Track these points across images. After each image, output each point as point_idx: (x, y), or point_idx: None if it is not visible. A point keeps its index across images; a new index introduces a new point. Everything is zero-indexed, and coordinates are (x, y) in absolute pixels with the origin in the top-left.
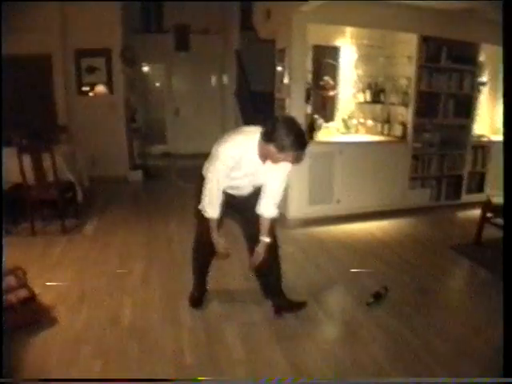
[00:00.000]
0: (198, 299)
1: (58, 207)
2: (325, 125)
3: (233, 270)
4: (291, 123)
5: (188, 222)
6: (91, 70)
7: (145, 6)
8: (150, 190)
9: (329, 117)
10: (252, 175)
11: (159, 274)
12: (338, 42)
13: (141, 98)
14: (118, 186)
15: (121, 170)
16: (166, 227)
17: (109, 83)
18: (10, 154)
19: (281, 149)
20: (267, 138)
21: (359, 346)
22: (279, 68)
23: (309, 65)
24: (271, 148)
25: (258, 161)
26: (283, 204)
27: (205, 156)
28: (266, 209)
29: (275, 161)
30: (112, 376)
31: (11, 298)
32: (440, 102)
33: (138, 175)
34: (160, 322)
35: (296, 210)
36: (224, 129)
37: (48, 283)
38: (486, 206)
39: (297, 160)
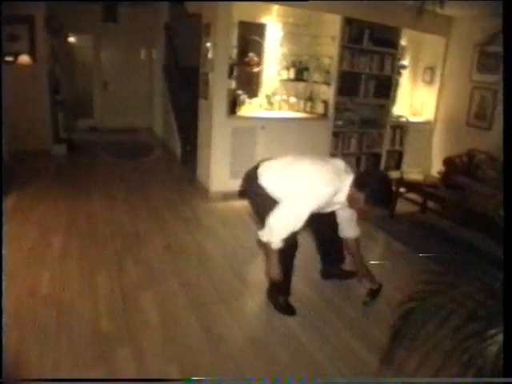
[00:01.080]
0: (289, 304)
1: None
2: (248, 100)
3: (153, 240)
4: (386, 181)
5: (110, 196)
6: (13, 38)
7: None
8: (74, 164)
9: (252, 93)
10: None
11: (78, 248)
12: (264, 20)
13: (67, 70)
14: (41, 159)
15: (44, 144)
16: (87, 202)
17: (31, 53)
18: None
19: (369, 201)
20: (361, 187)
21: (273, 312)
22: (206, 43)
23: (234, 41)
24: (360, 196)
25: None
26: (205, 177)
27: (132, 131)
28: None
29: (355, 205)
30: (27, 346)
31: None
32: (361, 82)
33: (62, 149)
34: (77, 292)
35: (218, 184)
36: (152, 103)
37: None
38: (399, 181)
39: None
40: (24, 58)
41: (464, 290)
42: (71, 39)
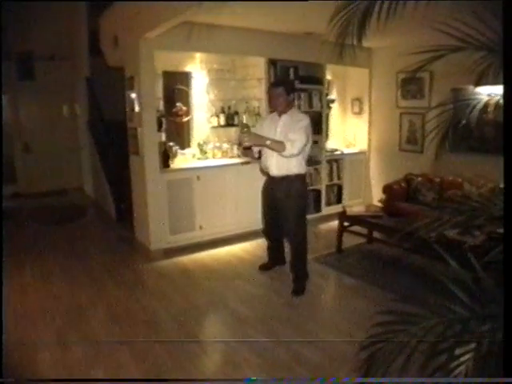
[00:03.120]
0: None
1: None
2: (180, 151)
3: (97, 311)
4: None
5: (44, 267)
6: None
7: None
8: None
9: (184, 143)
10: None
11: (14, 331)
12: (188, 68)
13: None
14: None
15: None
16: (19, 277)
17: None
18: None
19: None
20: None
21: (235, 370)
22: (130, 96)
23: (160, 92)
24: None
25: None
26: (144, 235)
27: (61, 193)
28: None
29: None
30: None
31: None
32: None
33: None
34: None
35: (158, 241)
36: (80, 161)
37: None
38: (342, 216)
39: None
40: None
41: (423, 326)
42: None
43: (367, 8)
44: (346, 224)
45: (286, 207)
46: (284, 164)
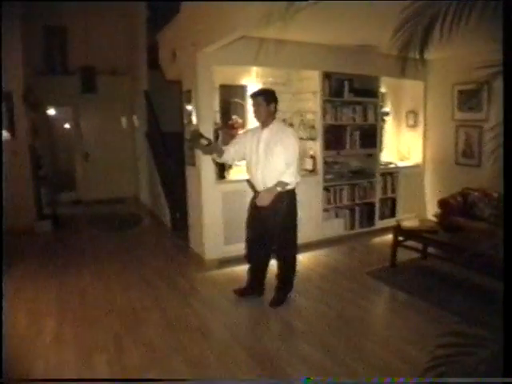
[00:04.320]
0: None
1: None
2: (236, 163)
3: (151, 316)
4: None
5: (102, 272)
6: None
7: (48, 47)
8: (61, 240)
9: None
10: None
11: (72, 331)
12: (244, 81)
13: (47, 143)
14: (25, 238)
15: (26, 221)
16: (78, 280)
17: (11, 128)
18: None
19: None
20: None
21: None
22: (187, 108)
23: (216, 105)
24: None
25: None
26: (199, 245)
27: (117, 201)
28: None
29: None
30: None
31: None
32: (346, 134)
33: (46, 225)
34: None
35: (212, 251)
36: (137, 171)
37: None
38: (396, 230)
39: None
40: (2, 133)
41: (492, 350)
42: (50, 112)
43: (431, 21)
44: (400, 238)
45: (274, 225)
46: (271, 178)
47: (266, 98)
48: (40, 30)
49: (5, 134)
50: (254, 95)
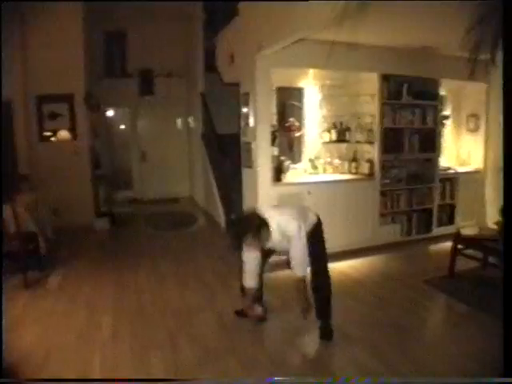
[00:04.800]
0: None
1: (20, 260)
2: (292, 166)
3: (205, 316)
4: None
5: (157, 270)
6: (53, 116)
7: (108, 51)
8: (118, 238)
9: (296, 158)
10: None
11: (128, 328)
12: (301, 84)
13: (106, 144)
14: (84, 235)
15: (86, 219)
16: (134, 277)
17: (72, 129)
18: None
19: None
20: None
21: None
22: (244, 111)
23: (273, 107)
24: None
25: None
26: None
27: (172, 200)
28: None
29: None
30: None
31: None
32: (405, 137)
33: (104, 223)
34: (131, 376)
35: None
36: (192, 172)
37: (11, 342)
38: (457, 238)
39: None
40: (63, 134)
41: None
42: (109, 113)
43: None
44: (459, 246)
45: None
46: None
47: (253, 231)
48: (100, 35)
49: (65, 134)
50: (239, 239)
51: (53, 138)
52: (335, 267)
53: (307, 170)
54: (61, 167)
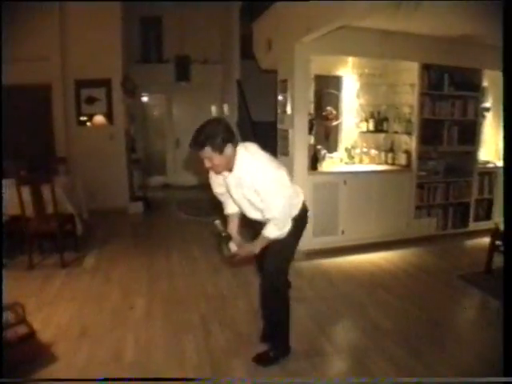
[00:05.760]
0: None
1: (57, 240)
2: (328, 155)
3: (238, 303)
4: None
5: (190, 255)
6: (91, 100)
7: (145, 37)
8: (151, 222)
9: (332, 147)
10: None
11: (161, 310)
12: (339, 72)
13: (141, 129)
14: (118, 217)
15: (120, 202)
16: (167, 261)
17: (109, 113)
18: (8, 185)
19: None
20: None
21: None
22: (281, 98)
23: (311, 95)
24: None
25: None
26: None
27: (204, 187)
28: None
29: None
30: None
31: (10, 334)
32: (444, 129)
33: (138, 207)
34: (164, 358)
35: (300, 242)
36: None
37: (47, 319)
38: (495, 233)
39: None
40: (99, 118)
41: None
42: (144, 99)
43: None
44: (497, 242)
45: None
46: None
47: (215, 144)
48: (137, 21)
49: (100, 118)
50: (196, 148)
51: (88, 123)
52: (369, 258)
53: (343, 159)
54: (97, 151)
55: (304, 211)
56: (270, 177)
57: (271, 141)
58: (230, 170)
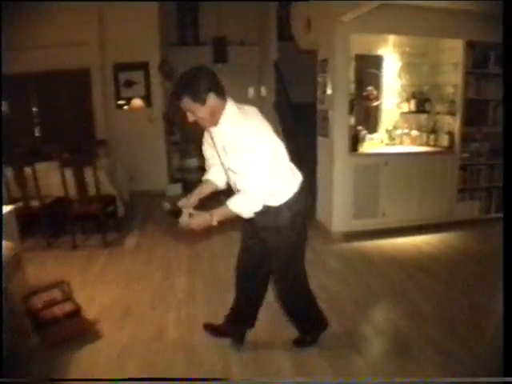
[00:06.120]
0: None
1: (99, 221)
2: (369, 136)
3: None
4: None
5: (229, 237)
6: (129, 83)
7: (181, 19)
8: None
9: (372, 128)
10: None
11: (202, 291)
12: (380, 51)
13: (178, 112)
14: (157, 199)
15: (160, 184)
16: (207, 242)
17: (147, 97)
18: (51, 168)
19: None
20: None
21: (411, 364)
22: (321, 78)
23: (351, 75)
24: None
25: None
26: (326, 217)
27: None
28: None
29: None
30: None
31: (56, 310)
32: (489, 109)
33: (176, 189)
34: (206, 338)
35: (340, 224)
36: None
37: (91, 297)
38: None
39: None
40: (137, 102)
41: None
42: None
43: None
44: None
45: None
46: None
47: (195, 93)
48: (174, 4)
49: (138, 102)
50: (175, 97)
51: (126, 107)
52: (409, 241)
53: (384, 140)
54: (136, 134)
55: (297, 204)
56: (255, 143)
57: (310, 122)
58: (216, 124)
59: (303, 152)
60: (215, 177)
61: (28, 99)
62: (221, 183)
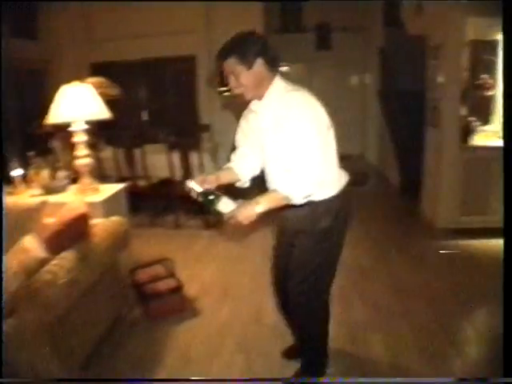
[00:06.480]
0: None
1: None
2: (481, 128)
3: (378, 277)
4: None
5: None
6: None
7: (284, 6)
8: None
9: (486, 119)
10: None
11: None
12: (497, 36)
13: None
14: None
15: None
16: None
17: None
18: (157, 150)
19: None
20: None
21: None
22: (431, 66)
23: (465, 62)
24: None
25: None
26: (431, 211)
27: (343, 157)
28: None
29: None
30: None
31: (160, 285)
32: None
33: None
34: None
35: (446, 220)
36: (365, 129)
37: (192, 275)
38: None
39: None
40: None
41: None
42: (284, 69)
43: None
44: None
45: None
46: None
47: (243, 54)
48: None
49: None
50: (221, 57)
51: (226, 93)
52: None
53: (498, 133)
54: (238, 120)
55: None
56: (308, 115)
57: (417, 111)
58: (260, 98)
59: (408, 142)
60: (240, 167)
61: (137, 84)
62: (244, 176)
